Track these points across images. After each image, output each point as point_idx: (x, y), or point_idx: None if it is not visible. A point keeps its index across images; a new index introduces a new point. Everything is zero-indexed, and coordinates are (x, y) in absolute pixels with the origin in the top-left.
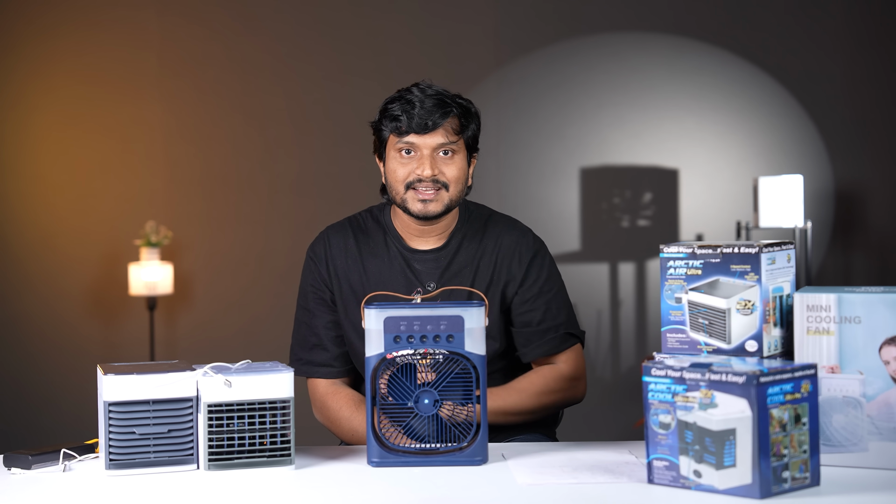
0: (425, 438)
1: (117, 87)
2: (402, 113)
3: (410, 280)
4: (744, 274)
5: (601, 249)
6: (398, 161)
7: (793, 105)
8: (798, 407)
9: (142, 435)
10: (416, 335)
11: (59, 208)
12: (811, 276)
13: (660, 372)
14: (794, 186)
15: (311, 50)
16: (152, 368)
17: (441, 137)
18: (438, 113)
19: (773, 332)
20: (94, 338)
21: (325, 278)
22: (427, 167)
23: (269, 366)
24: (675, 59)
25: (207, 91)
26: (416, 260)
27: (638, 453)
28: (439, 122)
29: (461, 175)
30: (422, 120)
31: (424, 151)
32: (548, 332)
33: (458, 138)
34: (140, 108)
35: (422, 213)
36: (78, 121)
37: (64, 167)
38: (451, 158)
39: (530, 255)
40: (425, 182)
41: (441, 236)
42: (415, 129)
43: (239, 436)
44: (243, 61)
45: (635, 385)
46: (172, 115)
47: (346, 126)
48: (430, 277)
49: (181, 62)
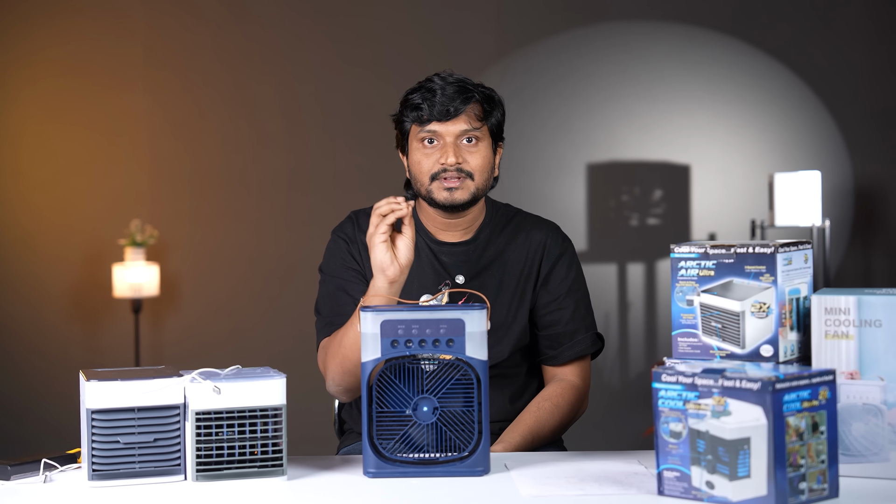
0: (424, 448)
1: (100, 78)
2: (423, 101)
3: (438, 272)
4: (759, 275)
5: (609, 249)
6: (421, 152)
7: (810, 97)
8: (816, 415)
9: (126, 444)
10: (415, 339)
11: (39, 206)
12: (829, 278)
13: (670, 378)
14: (811, 183)
15: (305, 38)
16: (137, 374)
17: (464, 124)
18: (460, 99)
19: (790, 337)
20: (77, 342)
21: (356, 256)
22: (451, 154)
23: (260, 371)
24: (687, 49)
25: (196, 82)
26: (444, 252)
27: (648, 463)
28: (461, 108)
29: (486, 164)
30: (443, 107)
31: (447, 139)
32: (577, 333)
33: (482, 125)
34: (125, 101)
35: (448, 201)
36: (59, 114)
37: (44, 163)
38: (475, 146)
39: (559, 251)
40: (450, 171)
41: (468, 230)
42: (436, 116)
43: (228, 445)
44: (234, 50)
45: (645, 392)
46: (159, 107)
47: (343, 119)
48: (458, 270)
49: (168, 52)
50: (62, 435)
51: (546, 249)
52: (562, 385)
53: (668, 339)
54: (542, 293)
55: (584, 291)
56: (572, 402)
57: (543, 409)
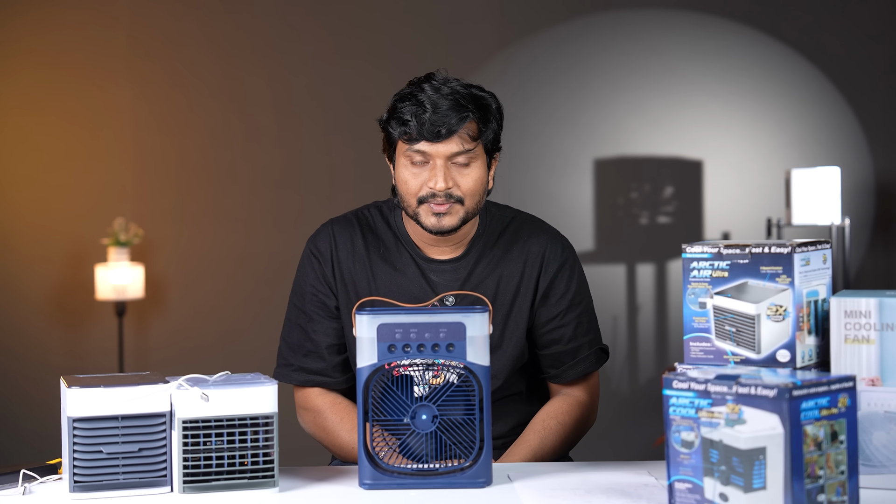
0: (423, 458)
1: (82, 69)
2: (412, 117)
3: (426, 291)
4: (775, 276)
5: (617, 249)
6: (409, 171)
7: (829, 89)
8: (835, 423)
9: (110, 454)
10: (413, 344)
11: (17, 204)
12: (849, 279)
13: (682, 385)
14: (830, 179)
15: (298, 27)
16: (121, 381)
17: (456, 146)
18: (454, 118)
19: (808, 341)
20: (57, 347)
21: (329, 280)
22: (440, 179)
23: (250, 378)
24: (700, 39)
25: (183, 73)
26: (433, 270)
27: (658, 475)
28: (455, 129)
29: (478, 186)
30: (434, 127)
31: (437, 161)
32: (580, 351)
33: (476, 144)
34: (107, 93)
35: (436, 227)
36: (38, 107)
37: (23, 158)
38: (468, 168)
39: (558, 263)
40: (439, 196)
41: (459, 245)
42: (426, 136)
43: (217, 455)
44: (222, 40)
45: (655, 399)
46: (144, 100)
47: (337, 112)
48: (448, 289)
49: (153, 41)
50: (42, 444)
51: (545, 262)
52: (567, 401)
53: (680, 343)
54: (541, 310)
55: (587, 303)
56: (578, 420)
57: (548, 429)
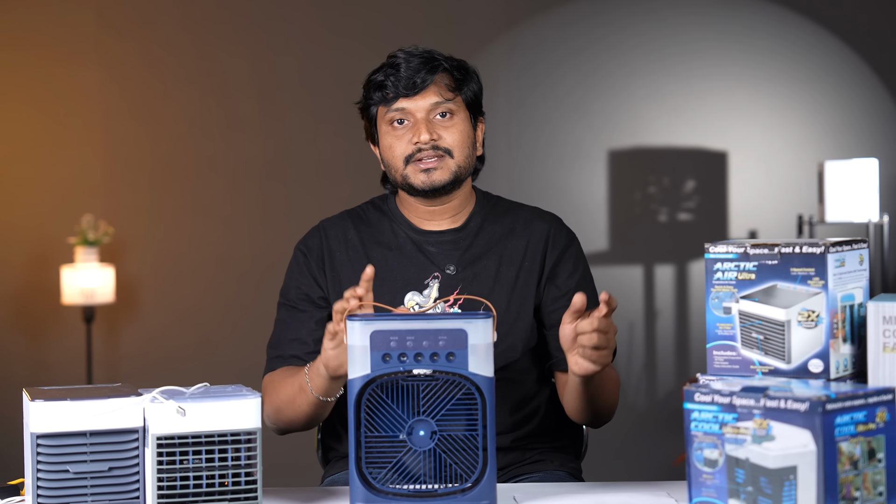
0: (420, 478)
1: (47, 50)
2: (386, 78)
3: (423, 265)
4: (806, 279)
5: (634, 249)
6: (392, 135)
7: (866, 74)
8: (872, 440)
9: (77, 473)
10: (410, 353)
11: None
12: (888, 282)
13: (705, 397)
14: (867, 172)
15: (284, 4)
16: (90, 393)
17: (434, 96)
18: (426, 69)
19: (842, 350)
20: (20, 356)
21: (315, 274)
22: (423, 131)
23: (231, 390)
24: (724, 18)
25: (157, 55)
26: (430, 242)
27: (678, 496)
28: (428, 79)
29: (464, 138)
30: (409, 80)
31: (418, 115)
32: None
33: (455, 95)
34: (75, 77)
35: (426, 184)
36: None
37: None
38: (451, 120)
39: (564, 242)
40: (425, 149)
41: (456, 217)
42: (402, 91)
43: (195, 475)
44: (201, 18)
45: (675, 413)
46: (115, 84)
47: (327, 98)
48: (447, 260)
49: (125, 20)
50: (2, 463)
51: (550, 240)
52: None
53: (702, 352)
54: (549, 288)
55: (594, 290)
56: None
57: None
